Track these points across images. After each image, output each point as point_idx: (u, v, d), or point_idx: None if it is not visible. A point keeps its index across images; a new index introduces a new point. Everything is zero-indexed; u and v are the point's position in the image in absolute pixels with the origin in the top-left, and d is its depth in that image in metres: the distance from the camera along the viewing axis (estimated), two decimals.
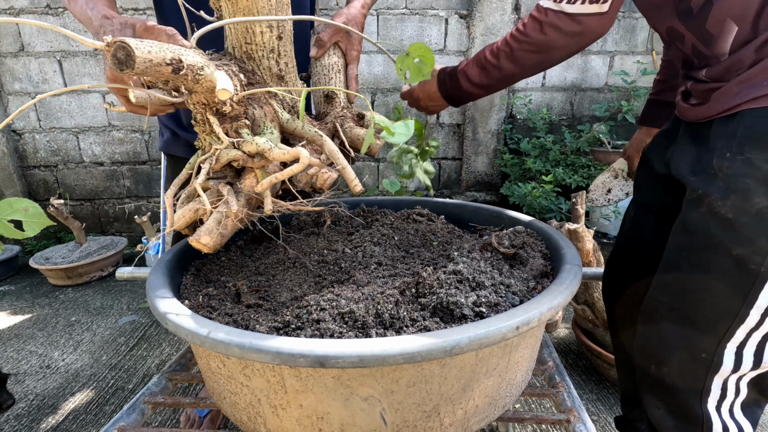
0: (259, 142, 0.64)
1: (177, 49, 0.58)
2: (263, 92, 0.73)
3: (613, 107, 3.14)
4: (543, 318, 0.56)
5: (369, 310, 0.60)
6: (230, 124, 0.67)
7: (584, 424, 0.71)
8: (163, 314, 0.60)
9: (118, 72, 0.55)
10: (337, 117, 0.90)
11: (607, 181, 1.48)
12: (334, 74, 0.97)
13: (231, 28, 0.74)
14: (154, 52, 0.55)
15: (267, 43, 0.75)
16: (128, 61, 0.53)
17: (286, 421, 0.59)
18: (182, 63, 0.57)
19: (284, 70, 0.79)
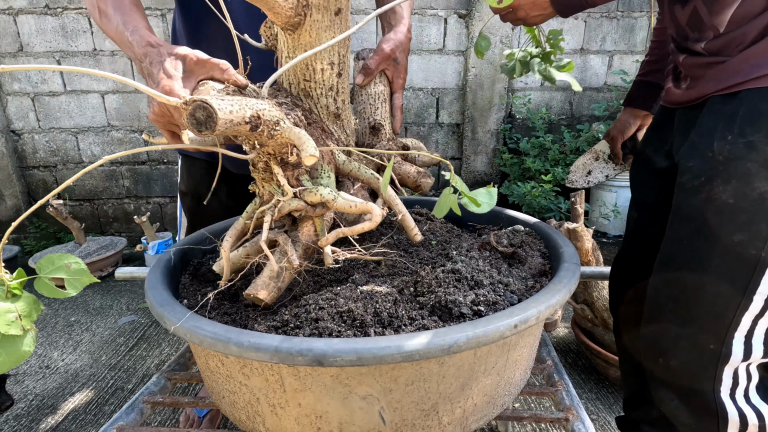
0: (323, 193, 0.62)
1: (255, 104, 0.55)
2: (320, 132, 0.70)
3: (612, 106, 3.14)
4: (541, 316, 0.56)
5: (367, 309, 0.60)
6: (291, 172, 0.64)
7: (583, 423, 0.71)
8: (161, 314, 0.60)
9: (196, 132, 0.51)
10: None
11: (587, 163, 1.46)
12: (380, 104, 0.93)
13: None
14: (235, 111, 0.52)
15: (327, 80, 0.71)
16: (209, 122, 0.50)
17: (284, 420, 0.59)
18: (260, 120, 0.55)
19: (341, 108, 0.75)
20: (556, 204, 2.93)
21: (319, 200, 0.62)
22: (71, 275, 0.61)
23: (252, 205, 0.71)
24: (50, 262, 0.62)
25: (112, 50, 3.04)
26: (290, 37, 0.68)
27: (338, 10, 0.66)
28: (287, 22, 0.64)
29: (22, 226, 3.26)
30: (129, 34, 0.79)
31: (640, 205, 1.08)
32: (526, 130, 3.34)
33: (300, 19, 0.64)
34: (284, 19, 0.63)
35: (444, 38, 3.18)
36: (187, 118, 0.51)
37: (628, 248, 1.12)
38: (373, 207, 0.58)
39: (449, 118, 3.36)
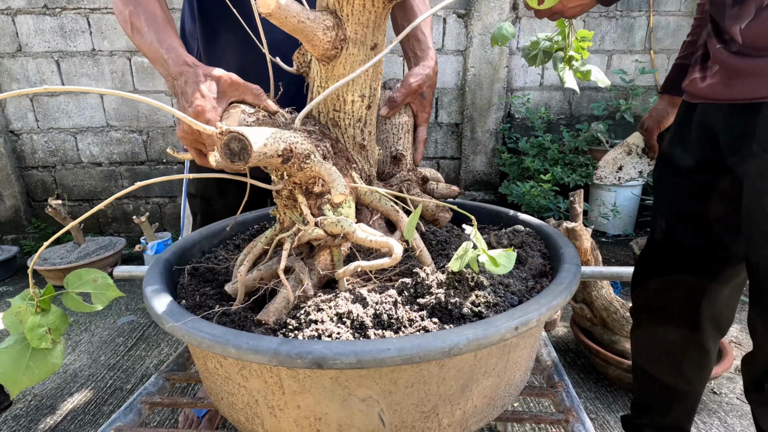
0: (344, 225, 0.62)
1: (289, 136, 0.56)
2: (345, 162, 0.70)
3: (611, 106, 3.14)
4: (542, 318, 0.56)
5: (367, 310, 0.59)
6: (314, 201, 0.64)
7: (583, 424, 0.71)
8: (159, 314, 0.60)
9: (228, 163, 0.52)
10: (403, 181, 0.86)
11: (618, 158, 1.33)
12: (403, 134, 0.93)
13: (319, 93, 0.70)
14: (269, 144, 0.53)
15: (356, 112, 0.72)
16: (243, 154, 0.51)
17: (283, 422, 0.59)
18: (293, 153, 0.55)
19: (367, 139, 0.76)
20: (555, 203, 2.93)
21: (339, 231, 0.62)
22: (98, 289, 0.63)
23: (271, 231, 0.71)
24: (78, 278, 0.64)
25: (111, 50, 3.04)
26: (324, 68, 0.68)
27: (374, 45, 0.66)
28: (324, 54, 0.65)
29: (21, 226, 3.26)
30: (164, 52, 0.80)
31: (669, 212, 1.03)
32: (525, 129, 3.34)
33: (336, 52, 0.65)
34: (321, 51, 0.64)
35: (443, 38, 3.18)
36: (221, 148, 0.52)
37: (654, 259, 1.07)
38: (394, 244, 0.58)
39: (448, 118, 3.36)
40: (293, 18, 0.58)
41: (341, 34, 0.63)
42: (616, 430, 1.51)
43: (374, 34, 0.65)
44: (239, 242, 1.00)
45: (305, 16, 0.59)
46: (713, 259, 0.99)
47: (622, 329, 1.64)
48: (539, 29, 3.18)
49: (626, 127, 3.29)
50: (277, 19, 0.58)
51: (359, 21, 0.63)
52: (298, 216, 0.66)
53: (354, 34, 0.64)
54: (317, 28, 0.61)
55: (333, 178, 0.57)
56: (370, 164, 0.78)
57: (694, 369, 1.11)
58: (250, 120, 0.66)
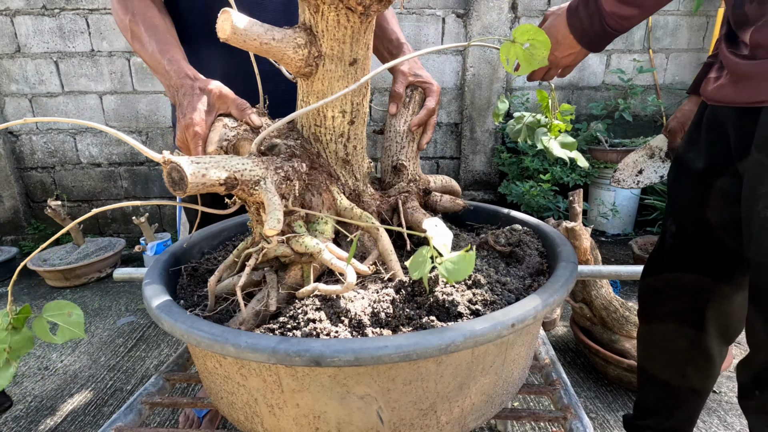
0: (309, 245, 0.62)
1: (235, 164, 0.58)
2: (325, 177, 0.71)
3: (610, 105, 3.15)
4: (539, 315, 0.56)
5: (365, 309, 0.60)
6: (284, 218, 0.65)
7: (581, 421, 0.71)
8: (158, 315, 0.60)
9: (171, 190, 0.55)
10: (401, 192, 0.85)
11: (639, 160, 1.26)
12: (406, 143, 0.91)
13: (302, 108, 0.70)
14: (209, 174, 0.55)
15: (337, 127, 0.71)
16: (181, 183, 0.53)
17: (283, 421, 0.59)
18: (237, 181, 0.57)
19: (351, 154, 0.75)
20: (555, 203, 2.93)
21: (303, 250, 0.63)
22: (66, 324, 0.65)
23: (243, 243, 0.72)
24: (56, 307, 0.66)
25: (110, 51, 3.04)
26: (304, 83, 0.68)
27: (353, 60, 0.65)
28: (298, 72, 0.65)
29: (21, 227, 3.26)
30: (167, 63, 0.82)
31: (680, 215, 1.01)
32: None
33: (311, 70, 0.64)
34: (295, 69, 0.64)
35: (442, 38, 3.18)
36: (165, 176, 0.55)
37: (664, 263, 1.06)
38: (349, 274, 0.58)
39: (447, 118, 3.36)
40: (254, 41, 0.58)
41: (315, 51, 0.62)
42: (616, 430, 1.51)
43: (352, 49, 0.64)
44: (238, 243, 1.00)
45: (269, 37, 0.59)
46: (723, 265, 0.97)
47: (621, 328, 1.64)
48: None
49: (625, 126, 3.30)
50: (234, 43, 0.58)
51: (334, 37, 0.62)
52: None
53: (330, 50, 0.63)
54: (286, 48, 0.60)
55: (269, 210, 0.58)
56: (356, 178, 0.77)
57: (699, 375, 1.10)
58: (230, 134, 0.67)
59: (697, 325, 1.04)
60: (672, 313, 1.07)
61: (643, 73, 3.16)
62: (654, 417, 1.19)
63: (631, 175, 1.30)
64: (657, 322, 1.12)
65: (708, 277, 1.00)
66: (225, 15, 0.56)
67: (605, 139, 3.03)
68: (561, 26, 0.86)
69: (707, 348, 1.06)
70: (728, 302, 1.01)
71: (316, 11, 0.60)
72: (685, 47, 3.28)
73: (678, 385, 1.12)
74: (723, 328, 1.05)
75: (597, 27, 0.82)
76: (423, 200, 0.90)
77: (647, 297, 1.14)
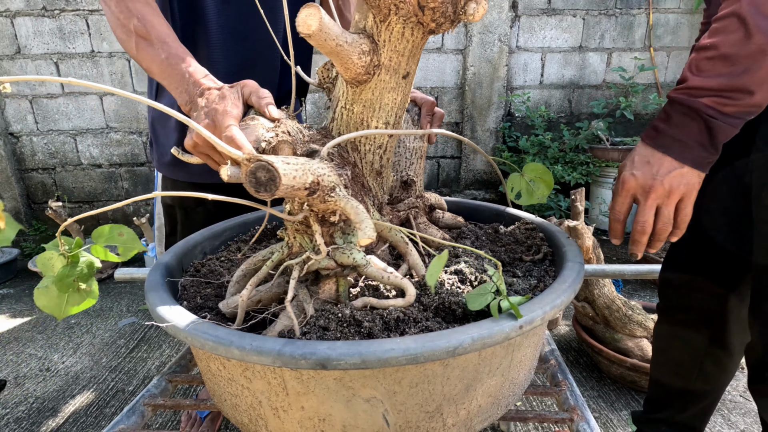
0: (357, 258, 0.60)
1: (317, 168, 0.54)
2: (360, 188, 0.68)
3: (611, 104, 3.14)
4: (546, 317, 0.56)
5: (372, 311, 0.59)
6: (327, 228, 0.63)
7: (587, 423, 0.71)
8: (161, 316, 0.60)
9: (252, 191, 0.50)
10: (411, 207, 0.85)
11: None
12: (415, 159, 0.91)
13: (344, 114, 0.69)
14: (298, 176, 0.50)
15: (378, 138, 0.70)
16: (269, 185, 0.49)
17: (287, 423, 0.59)
18: (319, 186, 0.54)
19: (384, 166, 0.74)
20: (556, 202, 2.93)
21: (350, 263, 0.61)
22: (123, 243, 0.68)
23: (278, 254, 0.69)
24: (101, 234, 0.68)
25: (110, 52, 3.04)
26: (351, 90, 0.66)
27: (407, 73, 0.64)
28: (355, 78, 0.63)
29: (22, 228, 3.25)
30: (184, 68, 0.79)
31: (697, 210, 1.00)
32: (525, 128, 3.33)
33: (368, 78, 0.63)
34: (353, 74, 0.62)
35: (442, 37, 3.17)
36: (246, 175, 0.49)
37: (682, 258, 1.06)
38: (407, 285, 0.56)
39: (448, 117, 3.35)
40: (332, 41, 0.56)
41: (375, 60, 0.61)
42: (619, 429, 1.50)
43: (408, 63, 0.63)
44: (240, 244, 0.99)
45: (344, 39, 0.57)
46: (743, 260, 0.96)
47: (624, 327, 1.64)
48: (539, 28, 3.18)
49: (626, 125, 3.29)
50: (315, 41, 0.55)
51: (395, 48, 0.61)
52: (308, 243, 0.64)
53: (388, 61, 0.62)
54: (353, 53, 0.59)
55: (361, 218, 0.54)
56: (383, 191, 0.76)
57: (717, 369, 1.09)
58: (268, 135, 0.63)
59: (717, 319, 1.03)
60: (691, 308, 1.06)
61: (644, 72, 3.15)
62: (667, 411, 1.18)
63: None
64: (677, 317, 1.11)
65: (727, 271, 0.98)
66: (312, 10, 0.53)
67: (606, 137, 3.02)
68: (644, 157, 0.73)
69: (728, 342, 1.05)
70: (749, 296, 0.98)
71: (383, 20, 0.59)
72: (686, 45, 3.27)
73: (695, 381, 1.11)
74: (744, 323, 1.03)
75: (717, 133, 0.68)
76: (428, 216, 0.90)
77: (666, 291, 1.12)
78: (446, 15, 0.55)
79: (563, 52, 3.26)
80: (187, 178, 1.15)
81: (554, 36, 3.22)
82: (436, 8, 0.54)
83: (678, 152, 0.69)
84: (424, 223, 0.84)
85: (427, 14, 0.55)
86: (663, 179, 0.70)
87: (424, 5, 0.54)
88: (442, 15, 0.55)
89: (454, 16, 0.56)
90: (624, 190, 0.74)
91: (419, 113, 0.94)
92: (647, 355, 1.62)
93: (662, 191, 0.71)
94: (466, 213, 1.06)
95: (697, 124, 0.67)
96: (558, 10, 3.16)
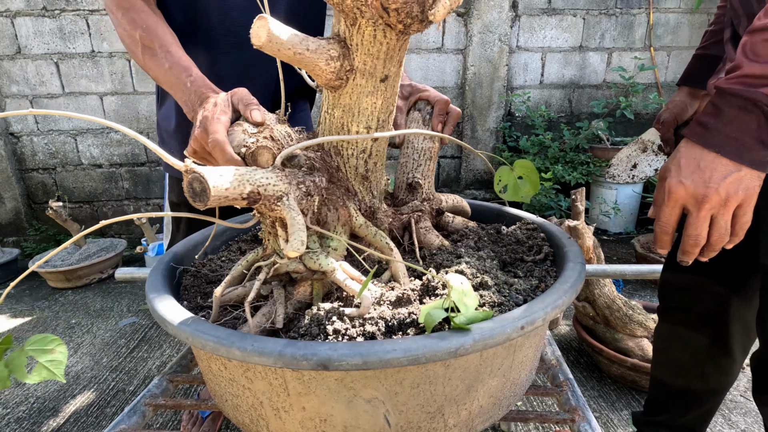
0: (323, 263, 0.61)
1: (259, 178, 0.56)
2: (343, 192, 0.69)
3: (611, 103, 3.14)
4: (548, 318, 0.55)
5: (374, 311, 0.59)
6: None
7: (589, 424, 0.71)
8: (162, 317, 0.60)
9: (191, 201, 0.53)
10: (415, 211, 0.83)
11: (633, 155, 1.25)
12: (423, 161, 0.89)
13: (327, 119, 0.68)
14: (232, 187, 0.52)
15: (361, 143, 0.69)
16: (202, 195, 0.51)
17: (288, 424, 0.59)
18: (260, 196, 0.55)
19: (371, 170, 0.72)
20: (557, 202, 2.93)
21: (317, 268, 0.61)
22: (47, 362, 0.60)
23: (253, 254, 0.70)
24: (42, 342, 0.62)
25: (111, 52, 3.04)
26: (331, 95, 0.66)
27: (385, 77, 0.63)
28: (327, 84, 0.63)
29: (22, 228, 3.26)
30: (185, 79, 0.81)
31: None
32: (525, 128, 3.33)
33: (341, 83, 0.62)
34: (324, 80, 0.62)
35: (442, 37, 3.17)
36: (186, 186, 0.52)
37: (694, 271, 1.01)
38: (365, 296, 0.56)
39: None
40: (287, 50, 0.56)
41: (347, 65, 0.61)
42: (619, 429, 1.50)
43: (385, 66, 0.62)
44: (241, 244, 0.99)
45: (304, 47, 0.57)
46: (747, 263, 0.94)
47: (624, 327, 1.64)
48: (539, 28, 3.18)
49: (626, 124, 3.29)
50: (269, 51, 0.56)
51: (368, 52, 0.60)
52: (277, 245, 0.65)
53: (362, 65, 0.61)
54: (319, 59, 0.59)
55: (294, 230, 0.56)
56: (372, 195, 0.75)
57: (718, 373, 1.07)
58: (249, 141, 0.63)
59: (719, 322, 1.01)
60: (692, 310, 1.05)
61: (644, 71, 3.15)
62: (667, 414, 1.17)
63: (625, 169, 1.30)
64: (677, 318, 1.09)
65: (730, 273, 0.96)
66: (262, 21, 0.54)
67: (607, 137, 3.02)
68: (692, 154, 0.65)
69: (730, 346, 1.03)
70: (753, 299, 0.97)
71: (352, 24, 0.59)
72: (686, 45, 3.27)
73: (695, 383, 1.10)
74: (747, 327, 1.01)
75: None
76: (435, 220, 0.88)
77: (668, 293, 1.11)
78: (412, 15, 0.54)
79: (563, 51, 3.26)
80: None
81: (554, 36, 3.22)
82: (400, 9, 0.53)
83: (734, 152, 0.60)
84: (425, 228, 0.82)
85: (392, 16, 0.55)
86: (718, 186, 0.61)
87: (387, 7, 0.54)
88: (407, 15, 0.54)
89: (422, 15, 0.55)
90: (671, 201, 0.65)
91: (431, 112, 0.92)
92: (648, 354, 1.62)
93: (718, 200, 0.62)
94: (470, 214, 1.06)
95: (755, 117, 0.58)
96: (558, 10, 3.16)
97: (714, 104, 0.62)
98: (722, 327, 1.02)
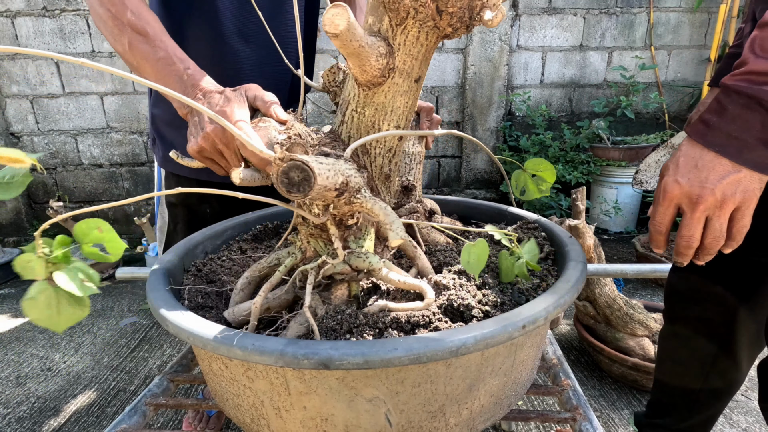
0: (372, 261, 0.59)
1: (345, 169, 0.53)
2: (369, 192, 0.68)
3: (611, 103, 3.14)
4: (549, 316, 0.55)
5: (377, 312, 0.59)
6: (343, 232, 0.61)
7: (590, 423, 0.71)
8: (163, 316, 0.60)
9: (284, 192, 0.48)
10: (412, 212, 0.85)
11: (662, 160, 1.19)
12: (415, 164, 0.92)
13: (354, 118, 0.67)
14: (330, 177, 0.49)
15: (389, 141, 0.69)
16: (303, 185, 0.47)
17: (289, 423, 0.59)
18: (347, 187, 0.52)
19: (392, 170, 0.73)
20: (557, 201, 2.92)
21: (366, 267, 0.60)
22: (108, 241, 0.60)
23: (291, 259, 0.68)
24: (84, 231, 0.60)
25: (111, 52, 3.03)
26: (363, 93, 0.65)
27: (419, 77, 0.64)
28: (370, 81, 0.62)
29: (22, 228, 3.26)
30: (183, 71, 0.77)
31: None
32: (525, 127, 3.33)
33: (383, 80, 0.62)
34: (369, 77, 0.61)
35: None
36: (278, 175, 0.48)
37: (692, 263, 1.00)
38: (428, 290, 0.55)
39: (449, 116, 3.35)
40: (356, 42, 0.55)
41: (391, 63, 0.60)
42: (620, 428, 1.50)
43: (420, 67, 0.63)
44: (241, 243, 0.99)
45: (366, 41, 0.57)
46: (756, 271, 0.91)
47: (625, 326, 1.64)
48: (539, 27, 3.18)
49: (627, 123, 3.29)
50: (341, 41, 0.54)
51: (410, 52, 0.60)
52: (323, 247, 0.63)
53: (402, 65, 0.61)
54: (372, 54, 0.58)
55: (391, 219, 0.53)
56: (390, 195, 0.75)
57: (723, 379, 1.06)
58: (281, 138, 0.61)
59: (726, 328, 0.99)
60: (699, 316, 1.03)
61: (644, 70, 3.15)
62: (669, 417, 1.16)
63: (654, 175, 1.24)
64: (683, 323, 1.07)
65: (739, 279, 0.94)
66: (340, 9, 0.51)
67: (607, 136, 3.02)
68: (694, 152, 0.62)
69: (736, 354, 1.02)
70: (761, 306, 0.95)
71: (399, 24, 0.58)
72: (687, 44, 3.27)
73: (699, 388, 1.08)
74: (754, 334, 1.00)
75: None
76: (427, 220, 0.90)
77: (674, 297, 1.09)
78: (463, 20, 0.55)
79: (564, 51, 3.26)
80: (192, 174, 1.15)
81: (555, 35, 3.22)
82: (455, 13, 0.54)
83: (734, 153, 0.57)
84: (426, 227, 0.83)
85: (444, 19, 0.55)
86: (714, 187, 0.59)
87: (442, 10, 0.54)
88: (459, 20, 0.55)
89: (470, 21, 0.56)
90: (666, 200, 0.64)
91: (417, 119, 0.97)
92: (648, 354, 1.62)
93: (713, 201, 0.60)
94: (468, 212, 1.06)
95: (760, 117, 0.56)
96: (558, 9, 3.16)
97: (718, 101, 0.59)
98: (729, 335, 1.00)
